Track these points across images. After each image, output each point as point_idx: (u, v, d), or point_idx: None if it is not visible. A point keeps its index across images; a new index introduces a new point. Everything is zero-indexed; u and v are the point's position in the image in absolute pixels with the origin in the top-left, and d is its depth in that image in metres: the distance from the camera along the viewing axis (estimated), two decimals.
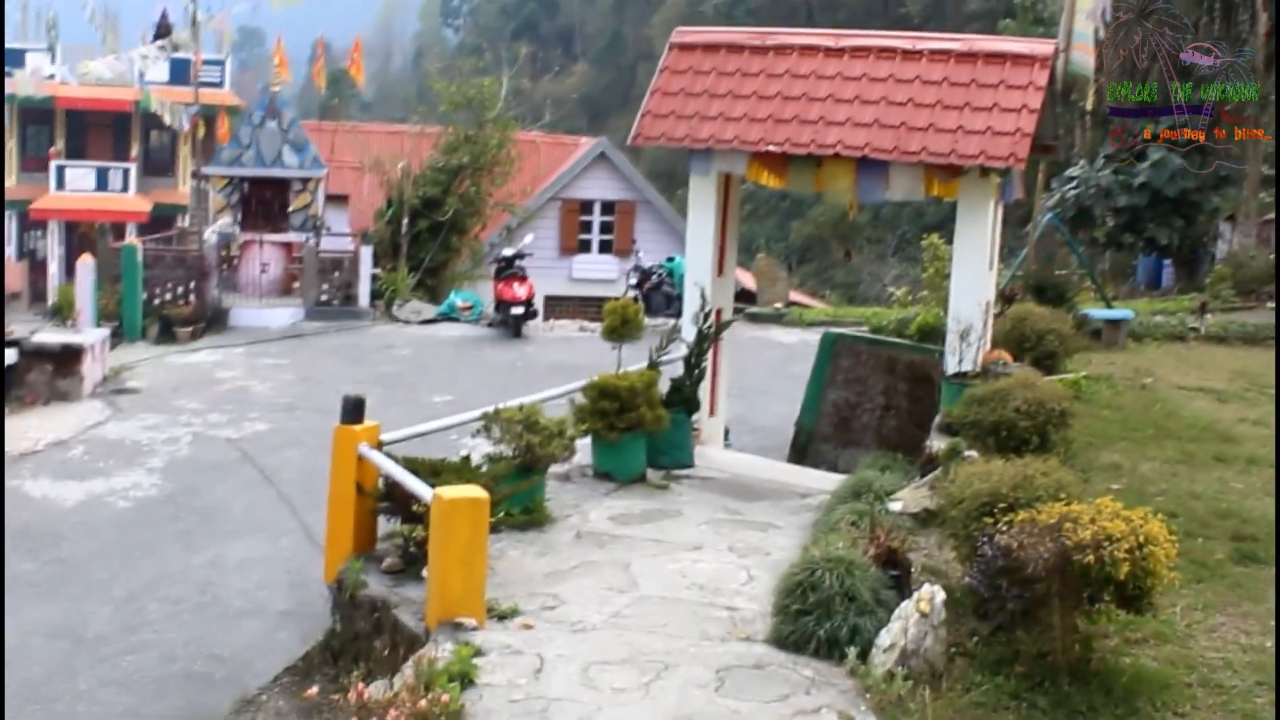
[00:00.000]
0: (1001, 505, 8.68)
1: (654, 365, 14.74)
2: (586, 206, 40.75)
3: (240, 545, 14.43)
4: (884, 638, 8.43)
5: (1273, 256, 31.61)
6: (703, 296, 15.05)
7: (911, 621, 8.27)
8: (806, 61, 15.16)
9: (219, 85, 46.97)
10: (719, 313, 15.64)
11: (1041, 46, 14.91)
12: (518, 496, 11.91)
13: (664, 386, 14.84)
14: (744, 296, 30.33)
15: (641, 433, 14.00)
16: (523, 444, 12.07)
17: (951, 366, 14.34)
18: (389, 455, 11.03)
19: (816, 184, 15.10)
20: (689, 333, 15.19)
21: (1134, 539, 7.75)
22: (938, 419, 14.16)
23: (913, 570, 9.59)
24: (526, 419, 12.21)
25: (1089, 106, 18.47)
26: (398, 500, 10.69)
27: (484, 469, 11.61)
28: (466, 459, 11.47)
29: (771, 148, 14.62)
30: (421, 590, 9.77)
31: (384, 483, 10.94)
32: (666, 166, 61.37)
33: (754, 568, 11.18)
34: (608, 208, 40.74)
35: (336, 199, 36.06)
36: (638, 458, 14.13)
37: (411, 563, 10.40)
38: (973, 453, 11.56)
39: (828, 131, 14.52)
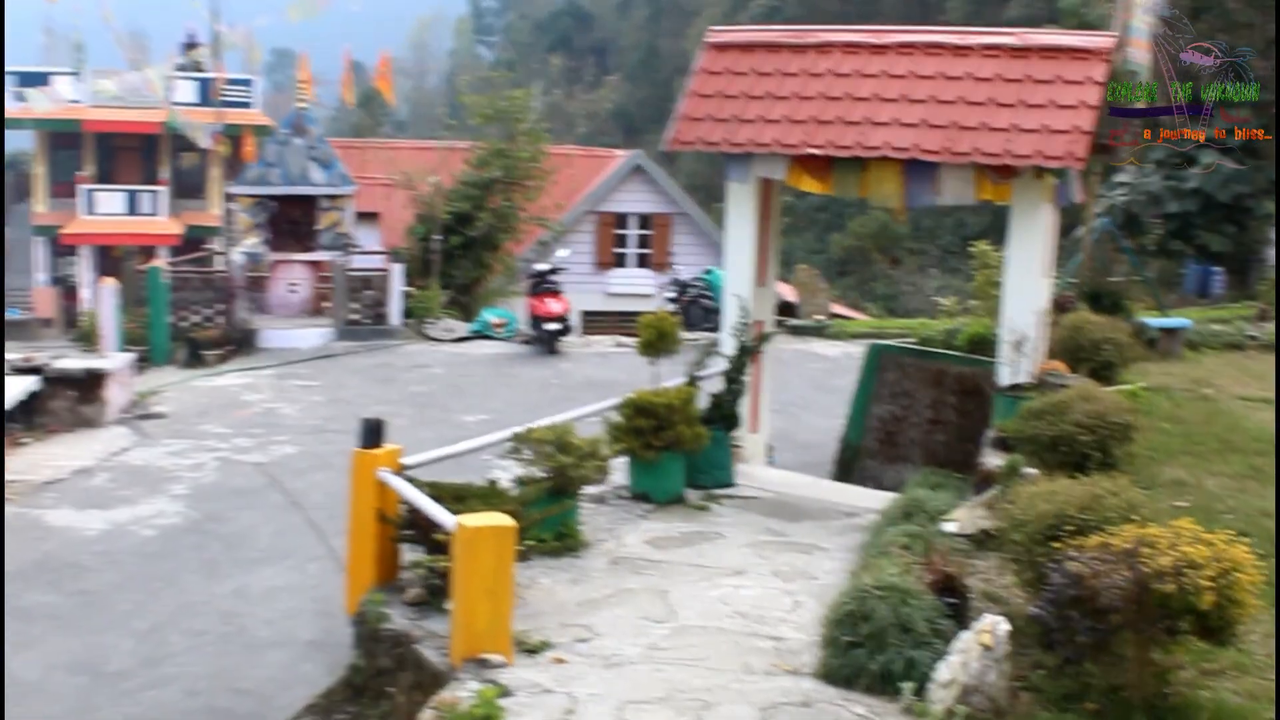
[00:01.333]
0: (1068, 528, 8.00)
1: (692, 381, 14.12)
2: (622, 220, 40.14)
3: (266, 573, 13.91)
4: (942, 672, 7.75)
5: None
6: (743, 308, 14.41)
7: (973, 655, 7.60)
8: (849, 60, 14.55)
9: (247, 105, 46.62)
10: (759, 325, 14.99)
11: (1100, 40, 14.24)
12: (549, 521, 11.29)
13: (703, 402, 14.23)
14: (784, 310, 29.69)
15: (680, 451, 13.38)
16: (554, 466, 11.44)
17: (1005, 378, 13.66)
18: (411, 480, 10.42)
19: (861, 188, 14.45)
20: (729, 346, 14.56)
21: (1217, 565, 7.06)
22: (990, 434, 13.47)
23: (970, 598, 8.91)
24: (558, 439, 11.59)
25: (1141, 105, 17.68)
26: (420, 528, 10.09)
27: (513, 493, 10.98)
28: (493, 483, 10.85)
29: (813, 150, 13.99)
30: (446, 623, 9.16)
31: (406, 510, 10.33)
32: (704, 180, 60.86)
33: (800, 594, 10.56)
34: (644, 221, 40.13)
35: (367, 217, 35.59)
36: (676, 477, 13.50)
37: (435, 594, 9.78)
38: (1032, 470, 10.86)
39: (872, 132, 13.88)
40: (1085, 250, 21.96)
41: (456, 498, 10.19)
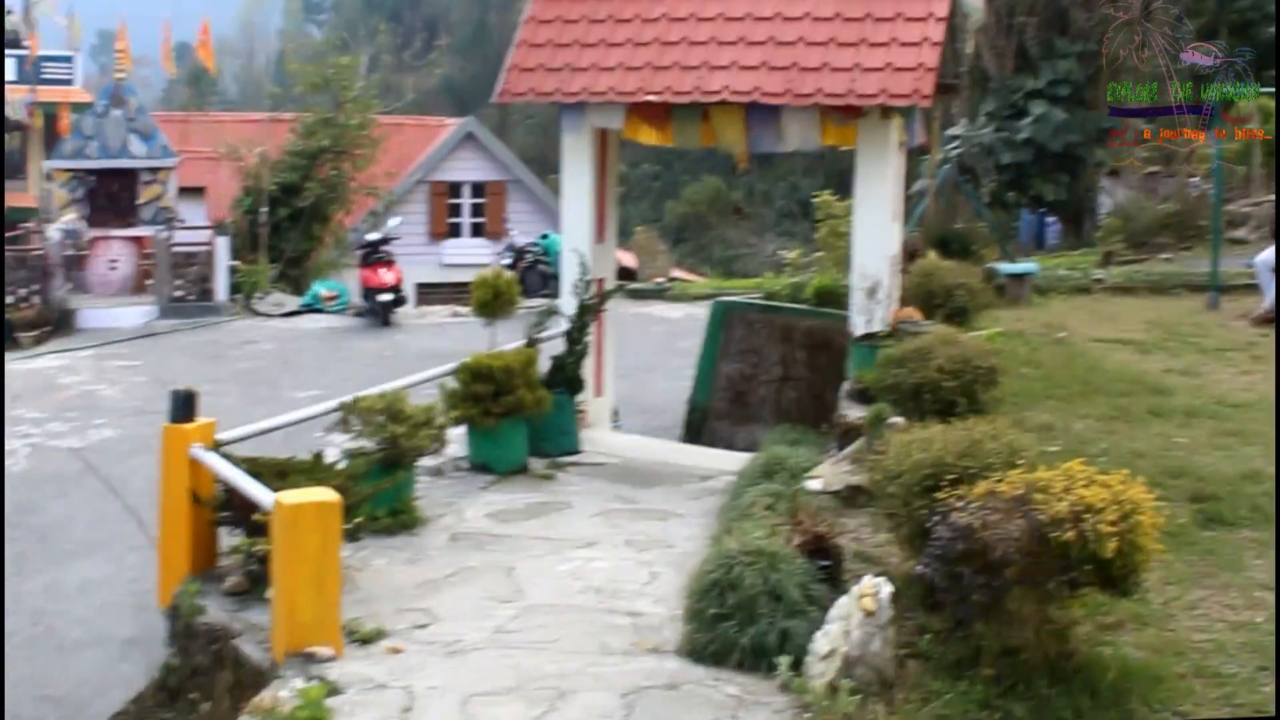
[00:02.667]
0: (949, 476, 7.32)
1: (532, 343, 13.32)
2: (455, 189, 38.96)
3: (80, 566, 12.90)
4: (821, 643, 7.02)
5: (1160, 207, 30.89)
6: (582, 265, 13.63)
7: (854, 622, 6.88)
8: (684, 3, 13.83)
9: (69, 82, 44.62)
10: (600, 283, 14.24)
11: None
12: (382, 496, 10.40)
13: (544, 366, 13.45)
14: (624, 275, 29.04)
15: (521, 418, 12.58)
16: (385, 436, 10.56)
17: (860, 327, 13.05)
18: (228, 457, 9.46)
19: (703, 136, 13.78)
20: (569, 305, 13.77)
21: (1118, 509, 6.42)
22: (846, 386, 12.85)
23: (844, 560, 8.22)
24: (389, 408, 10.72)
25: (969, 50, 17.36)
26: (238, 509, 9.13)
27: (341, 466, 10.07)
28: (318, 456, 9.90)
29: (650, 97, 13.25)
30: (268, 614, 8.23)
31: (222, 489, 9.37)
32: (537, 152, 59.86)
33: (657, 564, 9.82)
34: (478, 190, 39.01)
35: (192, 192, 34.09)
36: (518, 445, 12.69)
37: (257, 582, 8.83)
38: (899, 419, 10.20)
39: (712, 77, 13.18)
40: (930, 196, 21.53)
41: (278, 474, 9.26)
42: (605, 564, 9.89)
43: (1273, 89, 23.75)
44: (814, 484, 10.02)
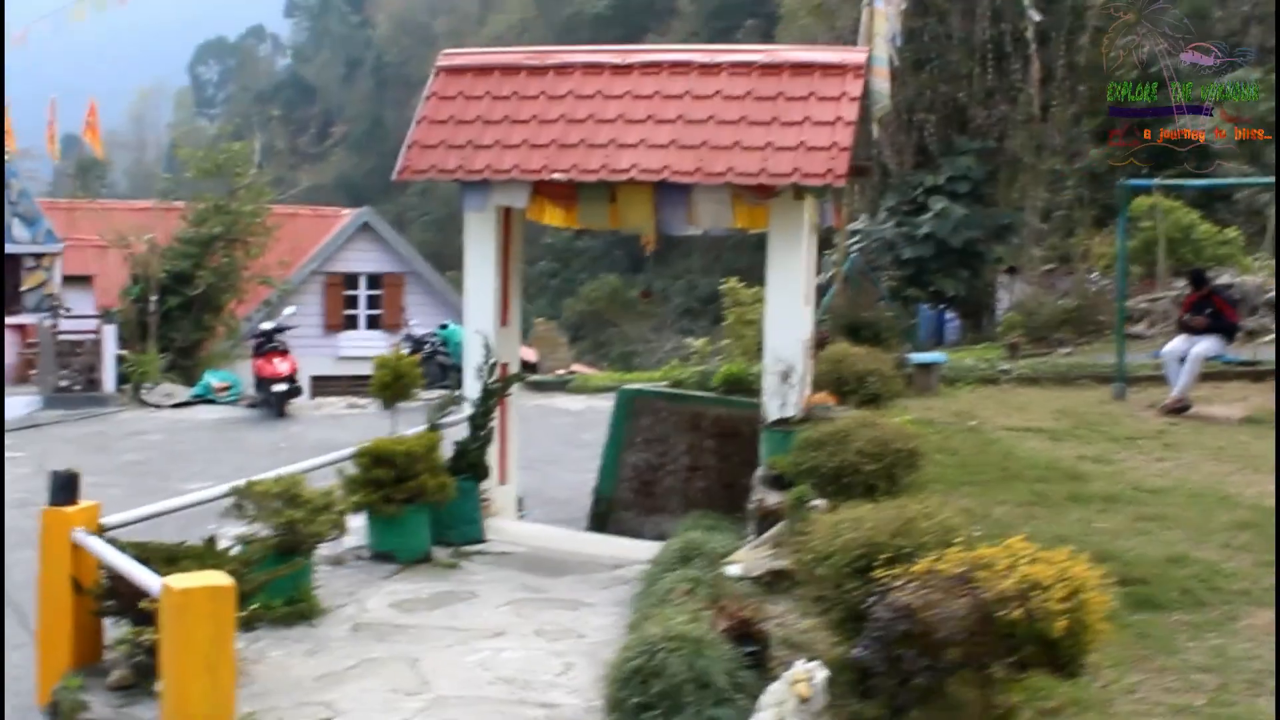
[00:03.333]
0: (883, 556, 6.97)
1: (435, 428, 12.85)
2: (352, 280, 38.45)
3: None
4: None
5: (1060, 302, 31.16)
6: (486, 347, 13.21)
7: (788, 708, 6.48)
8: (591, 80, 13.51)
9: None
10: (505, 367, 13.82)
11: (852, 55, 13.55)
12: (278, 585, 9.85)
13: (447, 453, 12.97)
14: (525, 368, 28.60)
15: (424, 504, 12.07)
16: (282, 521, 10.02)
17: (773, 412, 12.71)
18: (113, 543, 8.88)
19: (610, 218, 13.47)
20: (472, 389, 13.33)
21: (1065, 586, 6.09)
22: (760, 472, 12.50)
23: (771, 645, 7.82)
24: (285, 491, 10.19)
25: (875, 134, 17.29)
26: (124, 597, 8.55)
27: (235, 552, 9.51)
28: (211, 541, 9.33)
29: (556, 176, 12.90)
30: (157, 709, 7.66)
31: (106, 576, 8.79)
32: (436, 246, 59.41)
33: (570, 654, 9.36)
34: (374, 281, 38.52)
35: (79, 280, 33.33)
36: (421, 534, 12.17)
37: (144, 674, 8.24)
38: (821, 502, 9.85)
39: (620, 155, 12.86)
40: (839, 283, 21.39)
41: (168, 559, 8.70)
42: (515, 654, 9.44)
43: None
44: (733, 569, 9.62)
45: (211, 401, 26.43)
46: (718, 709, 6.89)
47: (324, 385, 34.04)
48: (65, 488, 9.01)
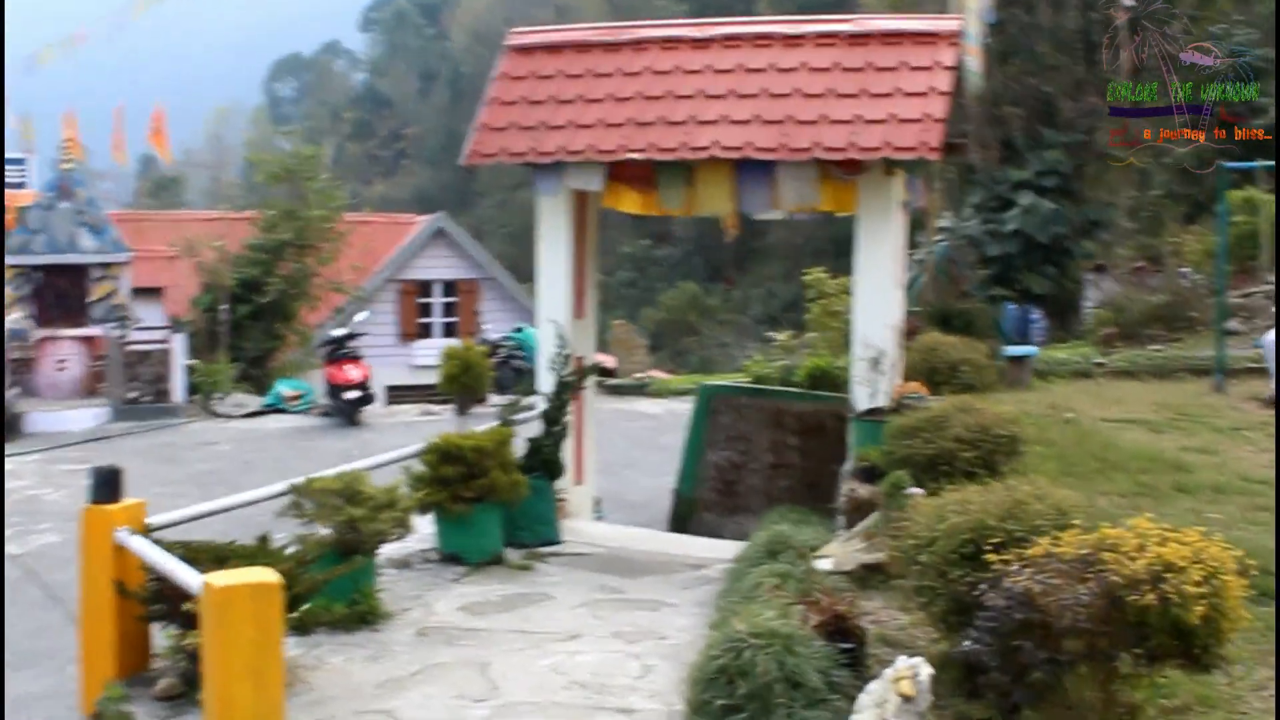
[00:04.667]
0: (993, 541, 6.27)
1: (507, 423, 12.26)
2: (426, 288, 37.94)
3: (18, 680, 11.60)
4: None
5: (1149, 299, 30.22)
6: (560, 338, 12.62)
7: (890, 709, 5.80)
8: (668, 56, 12.95)
9: (22, 186, 43.62)
10: (580, 360, 13.20)
11: (946, 23, 12.84)
12: (339, 587, 9.29)
13: (520, 451, 12.39)
14: (603, 374, 28.02)
15: (495, 503, 11.48)
16: (342, 520, 9.45)
17: (862, 401, 12.02)
18: (159, 543, 8.33)
19: (688, 200, 12.78)
20: (546, 384, 12.75)
21: (1201, 568, 5.38)
22: (848, 466, 11.82)
23: (867, 642, 7.13)
24: (346, 489, 9.63)
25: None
26: (170, 599, 7.99)
27: (290, 551, 8.94)
28: (264, 539, 8.76)
29: (632, 155, 12.31)
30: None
31: (152, 579, 8.23)
32: (511, 261, 59.06)
33: (648, 656, 8.73)
34: (449, 288, 38.01)
35: (150, 292, 33.04)
36: (492, 534, 11.58)
37: (192, 683, 7.68)
38: (918, 489, 9.15)
39: (699, 132, 12.27)
40: (928, 272, 20.62)
41: (216, 559, 8.14)
42: (591, 657, 8.83)
43: None
44: (824, 564, 8.95)
45: (283, 411, 25.92)
46: (811, 711, 6.22)
47: (399, 395, 33.56)
48: (107, 484, 8.50)
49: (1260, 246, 28.04)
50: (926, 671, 5.91)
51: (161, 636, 8.60)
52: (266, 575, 6.71)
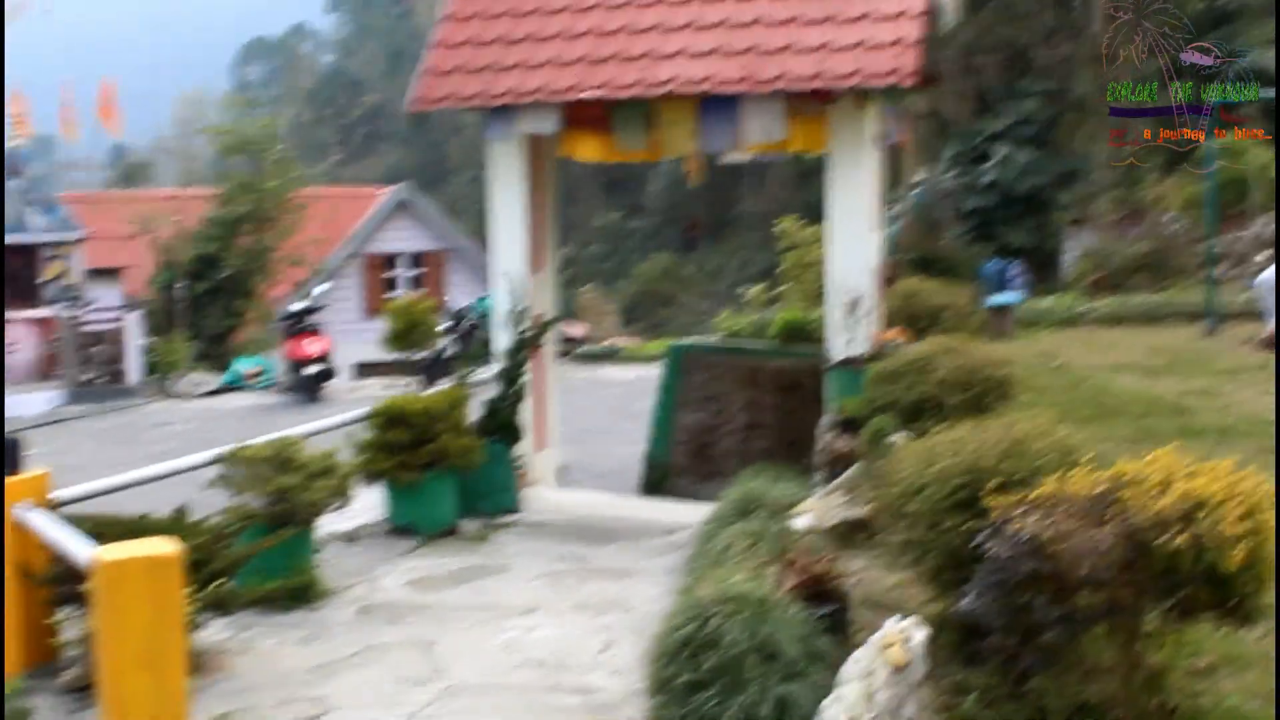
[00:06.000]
0: (992, 484, 5.46)
1: (461, 383, 11.45)
2: (391, 261, 36.96)
3: None
4: (834, 710, 5.07)
5: (1131, 248, 29.63)
6: (515, 292, 11.81)
7: (879, 680, 4.98)
8: None
9: None
10: (539, 316, 12.38)
11: None
12: (272, 562, 8.48)
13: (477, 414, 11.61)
14: (572, 344, 27.22)
15: (448, 470, 10.68)
16: (273, 489, 8.62)
17: (840, 350, 11.22)
18: (67, 519, 7.47)
19: (650, 143, 11.94)
20: (502, 342, 11.93)
21: (1238, 505, 4.58)
22: (826, 419, 11.03)
23: (850, 606, 6.33)
24: (277, 455, 8.80)
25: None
26: (75, 580, 7.14)
27: (212, 523, 8.10)
28: (181, 511, 7.92)
29: (589, 93, 11.47)
30: None
31: (54, 557, 7.38)
32: (483, 226, 58.08)
33: (613, 629, 7.97)
34: (415, 261, 37.03)
35: (108, 273, 32.10)
36: (444, 503, 10.78)
37: None
38: (900, 436, 8.34)
39: (658, 67, 11.44)
40: (907, 216, 19.81)
41: (127, 534, 7.27)
42: (550, 632, 8.07)
43: None
44: (801, 521, 8.12)
45: (242, 389, 25.11)
46: (788, 684, 5.39)
47: (369, 371, 32.66)
48: (5, 456, 7.61)
49: (1246, 192, 27.46)
50: (920, 635, 5.10)
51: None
52: (164, 548, 5.87)
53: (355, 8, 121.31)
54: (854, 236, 11.48)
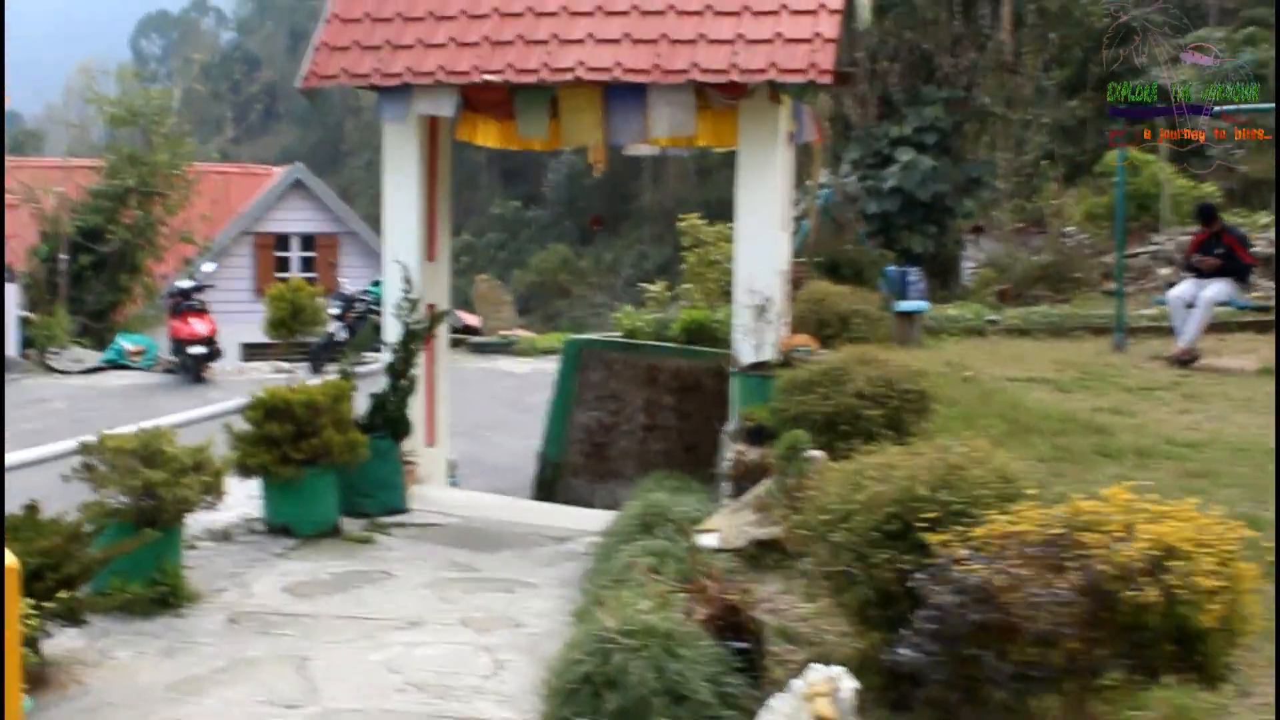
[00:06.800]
0: (926, 515, 4.97)
1: (345, 375, 10.82)
2: (283, 241, 35.99)
3: None
4: None
5: (1033, 259, 29.57)
6: (406, 280, 11.20)
7: None
8: None
9: None
10: (431, 307, 11.79)
11: None
12: (135, 564, 7.82)
13: (363, 407, 11.01)
14: (465, 333, 26.59)
15: (330, 467, 10.07)
16: (137, 485, 7.96)
17: (747, 355, 10.73)
18: None
19: (552, 131, 11.43)
20: (392, 333, 11.33)
21: (1210, 555, 4.12)
22: (731, 425, 10.55)
23: (766, 640, 5.81)
24: (144, 448, 8.13)
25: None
26: None
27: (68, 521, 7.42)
28: (32, 508, 7.22)
29: (489, 77, 10.91)
30: None
31: None
32: (378, 210, 57.17)
33: (502, 649, 7.39)
34: (308, 242, 36.10)
35: None
36: (325, 502, 10.17)
37: None
38: (818, 452, 7.83)
39: (563, 52, 10.90)
40: (813, 218, 19.37)
41: None
42: (433, 650, 7.46)
43: None
44: (708, 539, 7.60)
45: (125, 367, 24.19)
46: None
47: (256, 353, 31.77)
48: None
49: (1149, 206, 27.48)
50: (849, 686, 4.60)
51: None
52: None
53: None
54: (763, 237, 11.03)
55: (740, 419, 10.23)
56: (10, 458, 8.52)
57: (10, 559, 5.12)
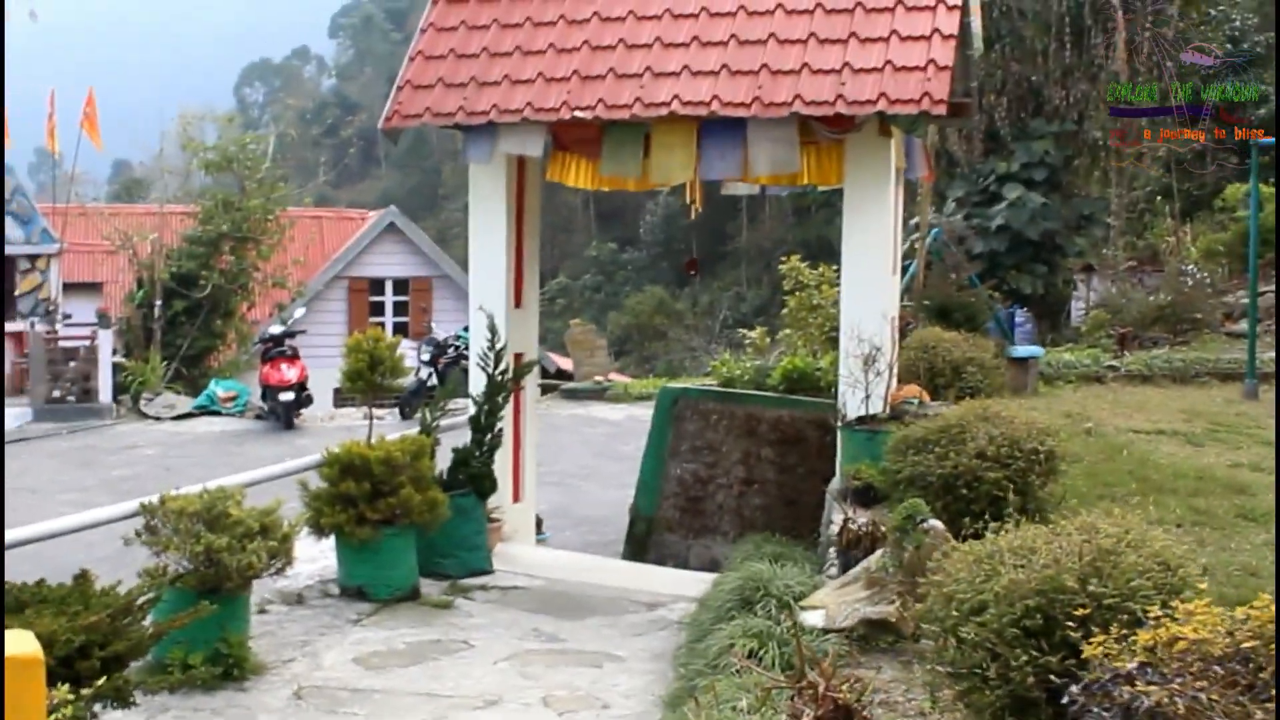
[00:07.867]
0: (1075, 611, 4.25)
1: (427, 430, 10.23)
2: (377, 285, 35.75)
3: None
4: None
5: (1149, 299, 28.52)
6: (492, 328, 10.60)
7: None
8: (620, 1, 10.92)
9: None
10: (518, 356, 11.19)
11: None
12: (198, 634, 7.23)
13: (444, 462, 10.46)
14: (559, 377, 26.09)
15: (408, 527, 9.48)
16: (198, 550, 7.39)
17: (854, 408, 10.00)
18: None
19: (644, 168, 10.76)
20: (476, 384, 10.74)
21: None
22: (837, 484, 9.85)
23: None
24: (207, 510, 7.57)
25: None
26: None
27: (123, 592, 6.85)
28: (82, 577, 6.65)
29: (579, 114, 10.29)
30: None
31: None
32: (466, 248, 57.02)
33: None
34: (401, 286, 35.83)
35: (88, 287, 31.07)
36: (403, 564, 9.58)
37: None
38: (937, 523, 7.09)
39: (657, 85, 10.30)
40: (920, 260, 18.61)
41: (15, 607, 6.06)
42: None
43: None
44: (812, 618, 6.88)
45: (216, 413, 24.00)
46: None
47: (348, 399, 31.53)
48: None
49: (1271, 242, 26.42)
50: None
51: None
52: (23, 643, 4.63)
53: (356, 32, 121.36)
54: (871, 281, 10.35)
55: (847, 478, 9.54)
56: (59, 523, 7.99)
57: (32, 646, 4.55)
